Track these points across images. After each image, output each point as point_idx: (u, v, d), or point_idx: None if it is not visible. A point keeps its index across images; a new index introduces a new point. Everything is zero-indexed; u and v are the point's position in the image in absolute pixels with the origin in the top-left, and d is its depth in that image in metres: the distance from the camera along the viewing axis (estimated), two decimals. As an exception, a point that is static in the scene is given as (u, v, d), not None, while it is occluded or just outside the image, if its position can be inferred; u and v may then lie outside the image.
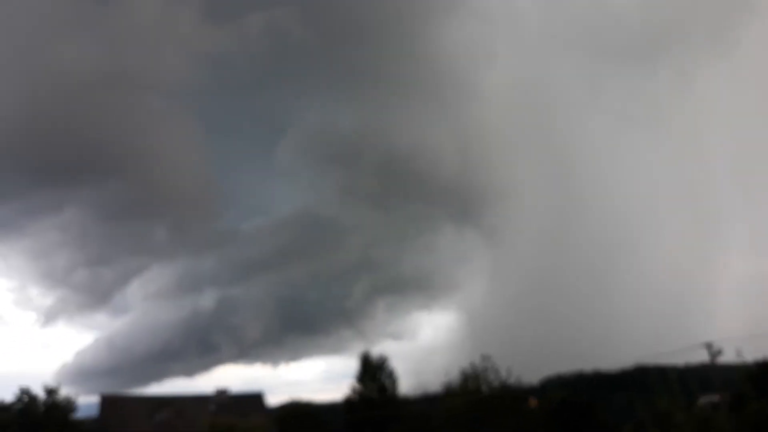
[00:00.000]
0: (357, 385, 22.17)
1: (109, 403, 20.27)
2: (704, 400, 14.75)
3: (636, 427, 13.91)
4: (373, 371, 22.16)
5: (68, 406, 18.85)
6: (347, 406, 22.19)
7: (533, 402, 20.22)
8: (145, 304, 45.18)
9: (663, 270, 41.35)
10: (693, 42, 55.13)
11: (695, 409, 11.45)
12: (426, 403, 22.46)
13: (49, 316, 44.58)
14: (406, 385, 23.37)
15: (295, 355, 57.25)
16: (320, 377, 53.83)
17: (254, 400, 21.93)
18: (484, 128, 52.30)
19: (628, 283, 40.33)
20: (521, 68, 56.14)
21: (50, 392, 18.58)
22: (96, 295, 44.75)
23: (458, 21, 55.37)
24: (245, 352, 43.39)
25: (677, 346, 18.23)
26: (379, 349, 30.25)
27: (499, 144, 52.23)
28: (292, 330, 47.37)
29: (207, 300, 47.47)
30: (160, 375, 47.26)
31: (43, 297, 47.04)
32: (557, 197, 48.06)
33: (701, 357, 16.96)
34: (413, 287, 51.61)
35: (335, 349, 52.14)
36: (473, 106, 55.16)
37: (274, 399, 23.84)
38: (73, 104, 42.55)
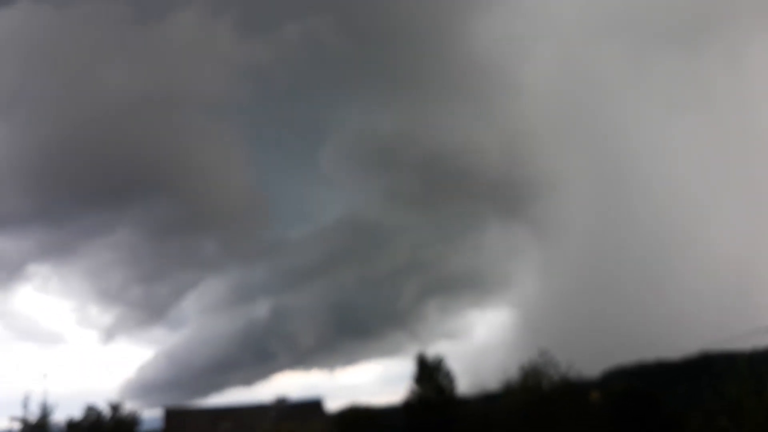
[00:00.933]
0: (414, 387, 22.09)
1: (172, 415, 20.67)
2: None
3: (704, 416, 13.53)
4: (430, 372, 22.00)
5: (133, 420, 19.34)
6: (406, 408, 22.10)
7: (595, 395, 19.86)
8: (200, 317, 46.03)
9: (721, 258, 40.14)
10: (740, 19, 53.35)
11: (766, 395, 11.08)
12: (485, 401, 22.22)
13: (110, 334, 45.77)
14: (464, 384, 23.15)
15: (350, 359, 57.41)
16: (377, 381, 53.80)
17: (313, 406, 22.11)
18: (528, 122, 51.68)
19: (686, 272, 39.31)
20: (562, 60, 55.17)
21: (115, 408, 19.09)
22: (153, 311, 45.73)
23: (495, 17, 54.87)
24: (302, 358, 43.82)
25: (742, 332, 17.66)
26: (434, 349, 30.09)
27: (544, 137, 51.48)
28: (346, 335, 47.49)
29: (261, 309, 48.00)
30: (220, 386, 47.83)
31: (103, 315, 48.32)
32: (606, 187, 47.15)
33: (768, 341, 16.41)
34: (464, 286, 51.17)
35: (390, 352, 52.04)
36: (515, 101, 54.57)
37: (333, 404, 24.01)
38: (119, 127, 43.51)
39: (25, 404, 16.08)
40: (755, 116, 49.84)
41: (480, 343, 47.63)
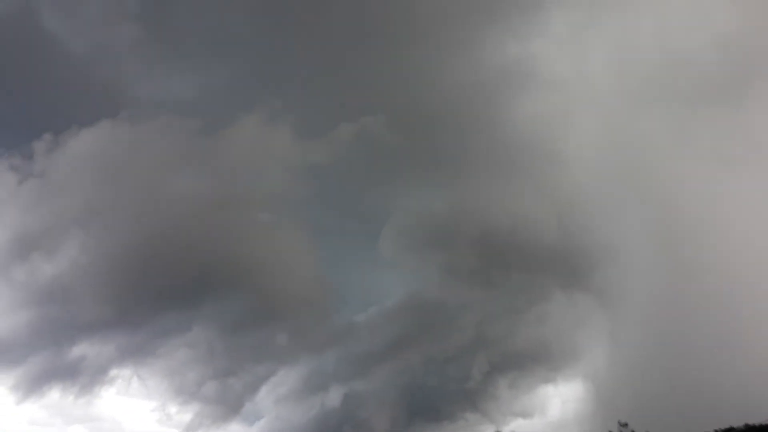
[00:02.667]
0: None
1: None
2: None
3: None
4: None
5: None
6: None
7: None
8: (276, 408, 46.74)
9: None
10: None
11: None
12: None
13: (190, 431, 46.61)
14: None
15: (424, 443, 56.72)
16: (451, 464, 53.02)
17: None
18: (579, 191, 52.62)
19: (758, 326, 38.74)
20: (605, 128, 56.53)
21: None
22: (229, 405, 46.64)
23: (532, 94, 57.09)
24: (376, 444, 43.84)
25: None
26: (509, 429, 29.82)
27: (597, 204, 52.17)
28: (418, 418, 47.47)
29: (334, 397, 48.44)
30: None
31: (182, 413, 49.29)
32: (665, 248, 47.16)
33: None
34: (533, 360, 50.85)
35: (463, 435, 51.44)
36: (564, 172, 55.73)
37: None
38: (189, 230, 46.04)
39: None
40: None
41: (556, 419, 47.06)
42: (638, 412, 35.34)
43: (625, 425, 19.11)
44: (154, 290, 45.46)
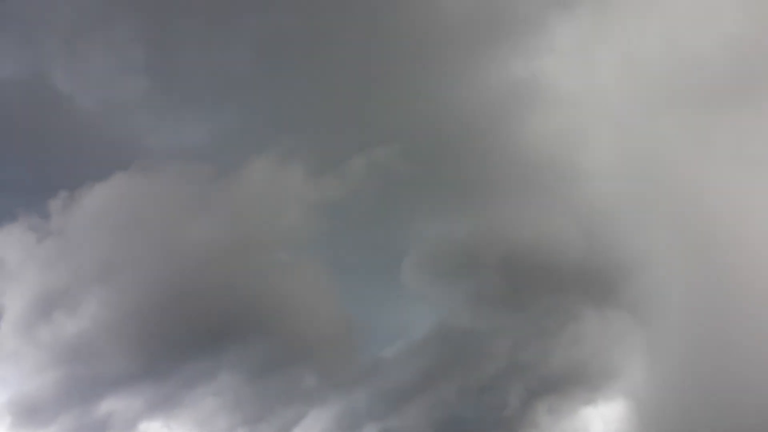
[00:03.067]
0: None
1: None
2: None
3: None
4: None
5: None
6: None
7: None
8: (309, 452, 45.69)
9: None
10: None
11: None
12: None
13: (221, 483, 45.77)
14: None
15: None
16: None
17: None
18: (602, 205, 51.26)
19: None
20: (623, 139, 55.38)
21: None
22: (261, 452, 45.82)
23: (544, 112, 56.19)
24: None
25: None
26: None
27: (621, 216, 50.84)
28: (456, 451, 46.20)
29: (368, 437, 47.44)
30: None
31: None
32: (696, 255, 45.78)
33: None
34: (571, 382, 49.44)
35: (504, 465, 49.90)
36: (584, 187, 54.58)
37: None
38: (208, 277, 45.84)
39: None
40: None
41: (599, 441, 45.58)
42: (683, 427, 34.04)
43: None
44: (178, 340, 45.10)
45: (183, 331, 44.81)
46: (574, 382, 48.96)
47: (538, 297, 52.91)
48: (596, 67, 58.88)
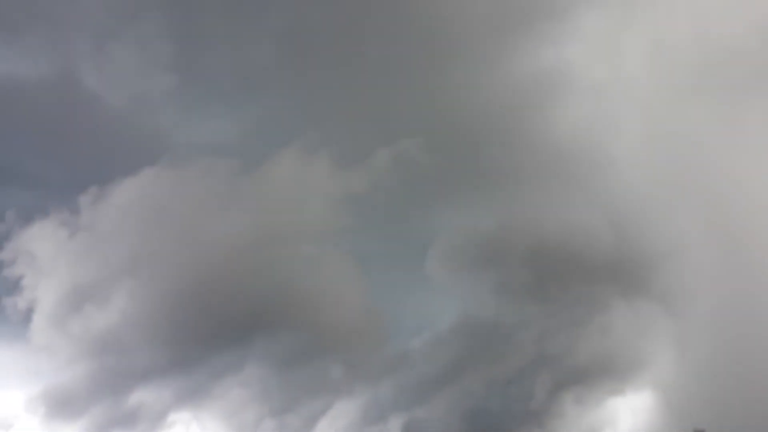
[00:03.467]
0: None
1: None
2: None
3: None
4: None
5: None
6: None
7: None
8: (335, 444, 46.02)
9: None
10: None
11: None
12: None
13: (249, 473, 46.34)
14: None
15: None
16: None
17: None
18: (630, 194, 50.75)
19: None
20: (651, 127, 54.71)
21: None
22: (287, 443, 46.28)
23: (570, 100, 55.73)
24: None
25: None
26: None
27: (650, 205, 50.25)
28: (483, 443, 46.13)
29: (394, 427, 47.48)
30: None
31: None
32: (726, 244, 45.10)
33: None
34: (598, 373, 48.98)
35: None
36: (612, 176, 54.03)
37: None
38: (234, 269, 46.27)
39: None
40: None
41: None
42: (713, 418, 33.71)
43: (702, 432, 17.81)
44: (206, 332, 45.65)
45: (211, 323, 45.38)
46: (602, 373, 48.52)
47: (565, 287, 52.46)
48: (624, 55, 58.15)
